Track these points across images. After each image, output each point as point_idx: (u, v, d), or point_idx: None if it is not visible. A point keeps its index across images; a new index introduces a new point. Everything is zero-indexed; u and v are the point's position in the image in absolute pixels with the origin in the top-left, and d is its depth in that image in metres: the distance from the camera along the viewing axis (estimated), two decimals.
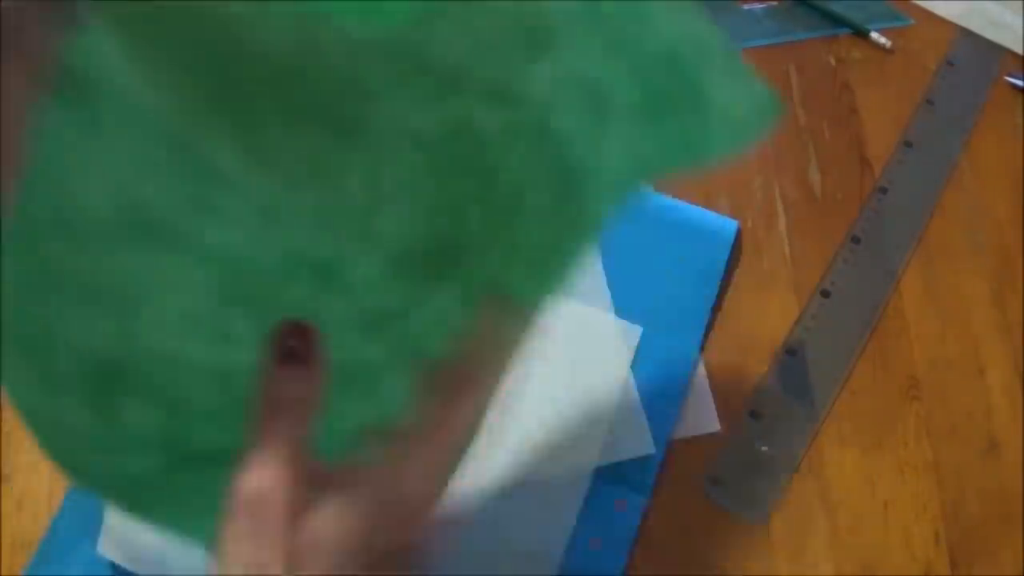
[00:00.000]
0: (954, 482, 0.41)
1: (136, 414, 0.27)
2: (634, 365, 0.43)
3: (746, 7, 0.54)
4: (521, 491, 0.40)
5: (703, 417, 0.42)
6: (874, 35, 0.53)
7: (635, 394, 0.42)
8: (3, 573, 0.37)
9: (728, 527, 0.40)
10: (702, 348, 0.44)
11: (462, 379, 0.28)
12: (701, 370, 0.43)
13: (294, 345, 0.25)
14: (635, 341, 0.43)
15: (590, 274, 0.45)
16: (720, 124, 0.31)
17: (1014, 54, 0.53)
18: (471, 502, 0.40)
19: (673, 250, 0.45)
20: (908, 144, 0.50)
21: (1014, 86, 0.51)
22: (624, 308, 0.44)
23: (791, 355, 0.44)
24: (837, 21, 0.53)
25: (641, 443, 0.41)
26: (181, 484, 0.28)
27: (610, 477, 0.40)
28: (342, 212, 0.25)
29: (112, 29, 0.22)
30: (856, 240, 0.47)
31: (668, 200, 0.47)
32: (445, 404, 0.27)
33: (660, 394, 0.42)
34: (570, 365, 0.43)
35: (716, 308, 0.45)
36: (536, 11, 0.26)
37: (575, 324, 0.44)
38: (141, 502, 0.29)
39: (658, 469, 0.41)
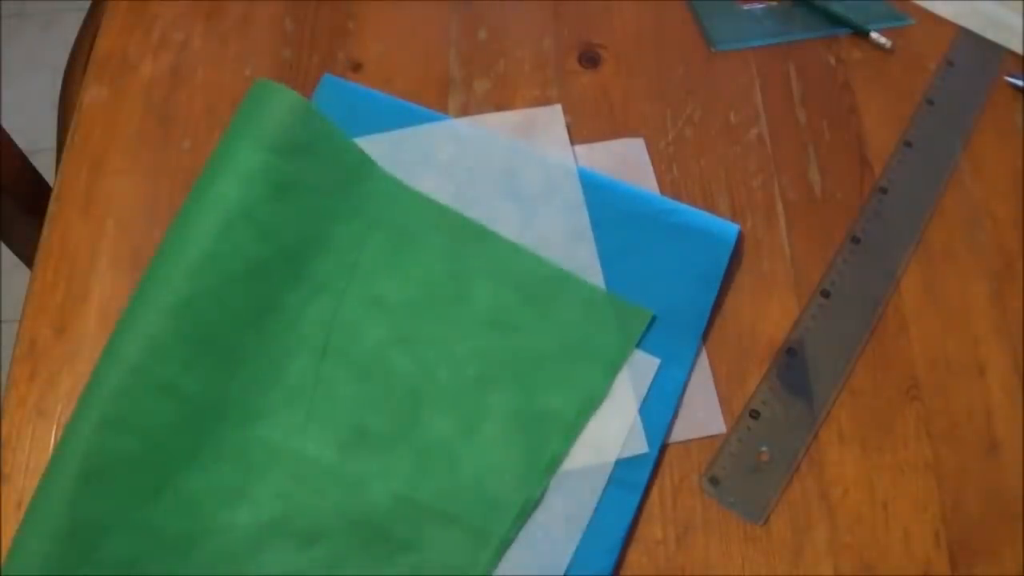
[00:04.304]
0: (954, 482, 0.41)
1: None
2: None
3: (746, 7, 0.54)
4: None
5: (709, 419, 0.42)
6: (874, 35, 0.53)
7: (630, 392, 0.42)
8: (3, 572, 0.37)
9: (728, 527, 0.40)
10: (703, 350, 0.44)
11: None
12: (708, 373, 0.43)
13: None
14: (643, 327, 0.43)
15: (589, 275, 0.45)
16: None
17: (1014, 54, 0.53)
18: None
19: (674, 252, 0.45)
20: (908, 144, 0.50)
21: (1014, 86, 0.51)
22: None
23: (791, 355, 0.44)
24: (837, 21, 0.53)
25: (635, 442, 0.41)
26: None
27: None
28: None
29: None
30: (856, 240, 0.47)
31: (669, 202, 0.47)
32: None
33: (656, 394, 0.42)
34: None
35: (716, 308, 0.45)
36: None
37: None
38: None
39: (652, 468, 0.41)
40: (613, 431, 0.41)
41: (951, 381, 0.43)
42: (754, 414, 0.42)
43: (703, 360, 0.44)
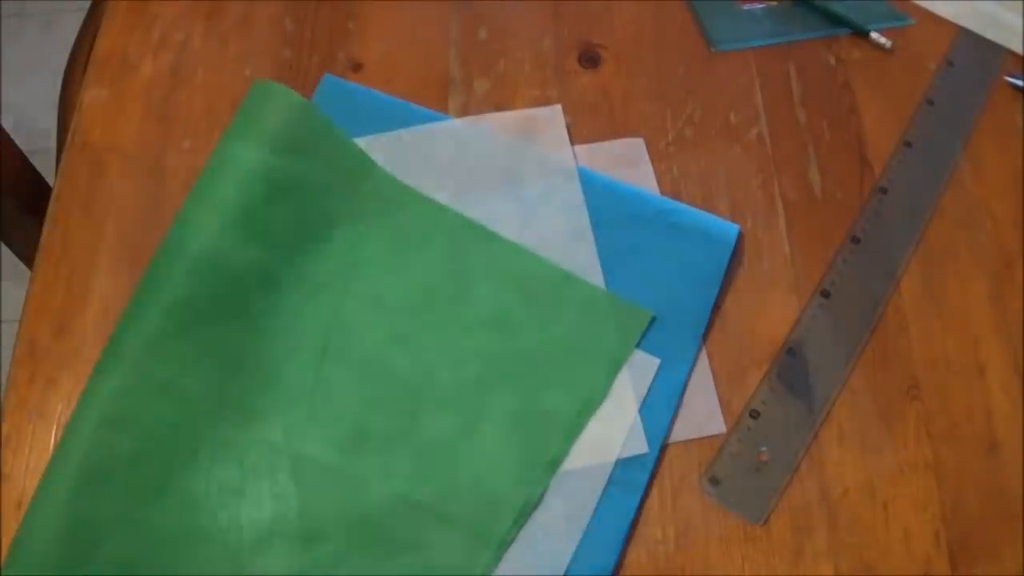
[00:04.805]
0: (954, 482, 0.41)
1: None
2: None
3: (746, 7, 0.54)
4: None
5: (709, 419, 0.42)
6: (874, 35, 0.53)
7: (630, 392, 0.42)
8: (3, 572, 0.37)
9: (728, 527, 0.40)
10: (703, 350, 0.44)
11: None
12: (708, 373, 0.43)
13: None
14: (643, 327, 0.43)
15: (589, 275, 0.45)
16: None
17: (1014, 54, 0.53)
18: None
19: (674, 252, 0.45)
20: (908, 144, 0.50)
21: (1014, 86, 0.51)
22: None
23: (791, 355, 0.44)
24: (837, 21, 0.53)
25: (635, 442, 0.41)
26: None
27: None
28: None
29: None
30: (856, 240, 0.47)
31: (669, 203, 0.47)
32: None
33: (656, 394, 0.42)
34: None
35: (716, 308, 0.45)
36: None
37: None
38: None
39: (652, 468, 0.41)
40: (613, 431, 0.41)
41: (951, 381, 0.43)
42: (754, 414, 0.42)
43: (703, 360, 0.44)
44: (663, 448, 0.42)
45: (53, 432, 0.42)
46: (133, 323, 0.41)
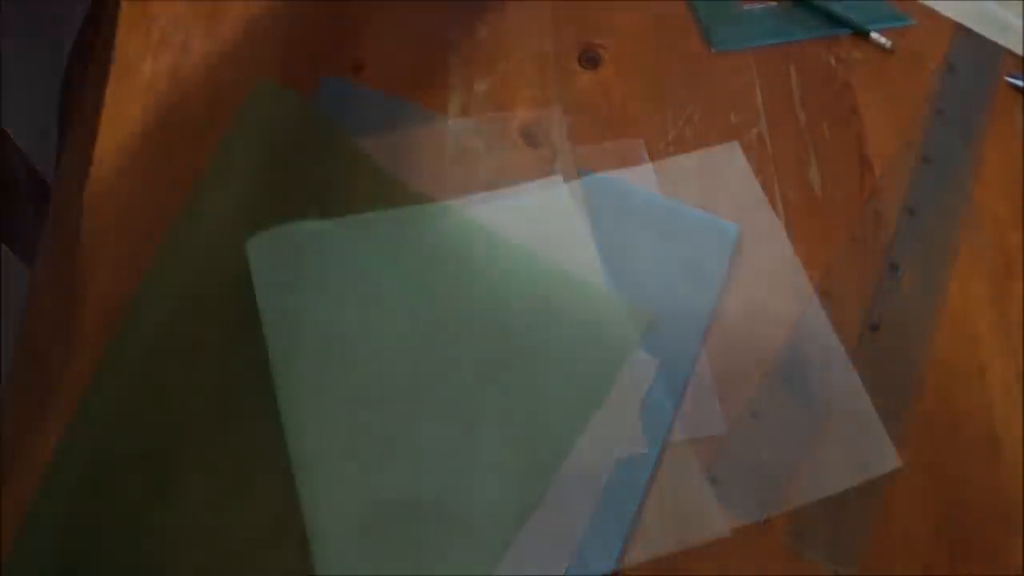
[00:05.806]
0: (954, 482, 0.41)
1: None
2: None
3: (746, 7, 0.54)
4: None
5: (709, 419, 0.42)
6: (874, 35, 0.53)
7: (630, 392, 0.42)
8: (3, 572, 0.37)
9: (728, 527, 0.40)
10: (703, 350, 0.44)
11: None
12: (708, 374, 0.43)
13: None
14: (643, 327, 0.43)
15: (589, 275, 0.45)
16: None
17: (1014, 54, 0.53)
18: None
19: (674, 252, 0.45)
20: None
21: (1014, 86, 0.51)
22: None
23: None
24: (837, 21, 0.53)
25: (635, 442, 0.41)
26: None
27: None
28: None
29: None
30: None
31: (670, 202, 0.47)
32: None
33: (656, 394, 0.42)
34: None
35: (716, 308, 0.45)
36: None
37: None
38: None
39: (652, 468, 0.41)
40: (613, 431, 0.41)
41: (951, 381, 0.43)
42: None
43: (703, 360, 0.44)
44: (663, 448, 0.42)
45: (53, 432, 0.42)
46: (134, 323, 0.41)
